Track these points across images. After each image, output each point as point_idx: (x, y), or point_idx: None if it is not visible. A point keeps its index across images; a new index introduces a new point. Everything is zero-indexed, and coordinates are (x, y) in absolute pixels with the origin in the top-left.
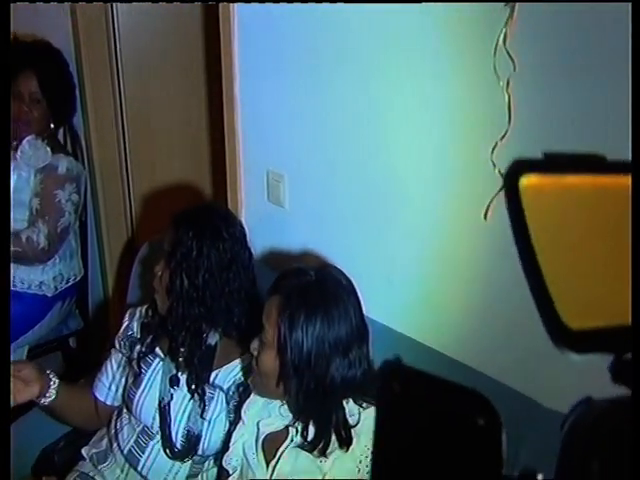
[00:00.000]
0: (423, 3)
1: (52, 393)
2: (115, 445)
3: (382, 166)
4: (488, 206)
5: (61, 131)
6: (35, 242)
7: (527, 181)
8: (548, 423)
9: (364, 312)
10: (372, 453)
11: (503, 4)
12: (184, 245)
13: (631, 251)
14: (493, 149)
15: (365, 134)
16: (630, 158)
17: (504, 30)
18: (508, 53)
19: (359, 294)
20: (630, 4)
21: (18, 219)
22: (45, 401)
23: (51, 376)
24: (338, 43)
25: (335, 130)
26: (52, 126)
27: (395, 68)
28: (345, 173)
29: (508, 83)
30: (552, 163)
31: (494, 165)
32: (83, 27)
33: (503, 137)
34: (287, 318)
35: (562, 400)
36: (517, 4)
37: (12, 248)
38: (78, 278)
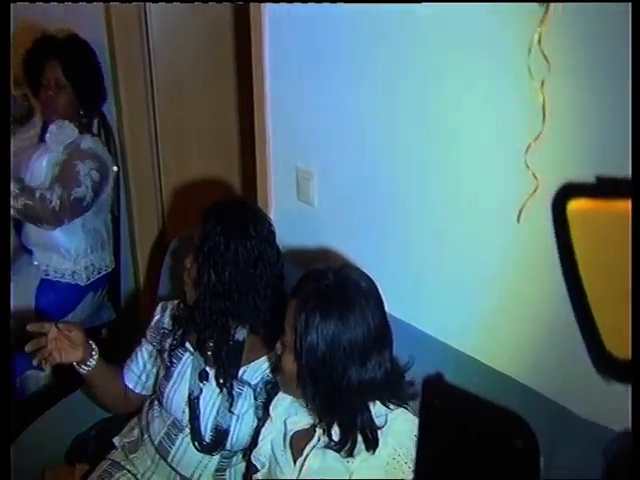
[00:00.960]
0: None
1: (92, 362)
2: (146, 436)
3: (412, 166)
4: (522, 209)
5: (95, 125)
6: (47, 200)
7: (576, 205)
8: (584, 436)
9: (386, 315)
10: (414, 465)
11: (538, 4)
12: (212, 240)
13: (631, 254)
14: (527, 150)
15: (396, 133)
16: None
17: (539, 30)
18: (543, 53)
19: (381, 297)
20: (630, 4)
21: None
22: (85, 369)
23: (93, 345)
24: (368, 39)
25: (366, 129)
26: (81, 112)
27: (422, 65)
28: (375, 172)
29: (543, 84)
30: (602, 187)
31: (527, 167)
32: (117, 24)
33: (537, 138)
34: (303, 322)
35: (602, 415)
36: (552, 4)
37: (24, 201)
38: (110, 269)
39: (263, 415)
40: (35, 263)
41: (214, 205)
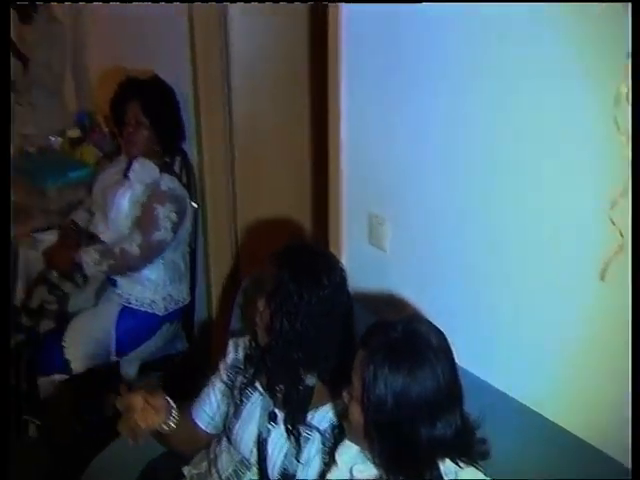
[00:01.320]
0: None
1: (172, 422)
2: (214, 470)
3: (488, 217)
4: (606, 267)
5: (177, 163)
6: (128, 252)
7: None
8: None
9: (457, 370)
10: None
11: (626, 55)
12: (285, 288)
13: (631, 255)
14: (612, 206)
15: (473, 183)
16: None
17: (626, 83)
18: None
19: (452, 352)
20: (630, 4)
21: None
22: (166, 429)
23: (172, 404)
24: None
25: (441, 176)
26: (159, 149)
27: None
28: (450, 220)
29: (629, 138)
30: None
31: (613, 223)
32: (201, 67)
33: (623, 195)
34: (371, 375)
35: None
36: None
37: (108, 262)
38: (186, 301)
39: (329, 460)
40: (118, 292)
41: (286, 249)
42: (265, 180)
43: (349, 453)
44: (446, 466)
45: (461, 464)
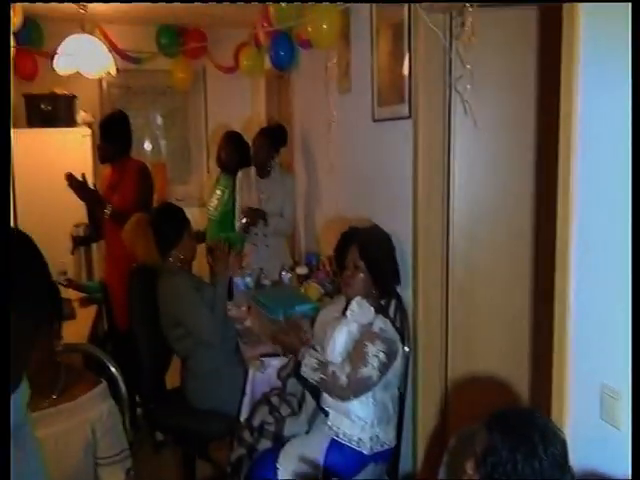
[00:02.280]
0: None
1: None
2: None
3: None
4: None
5: (393, 306)
6: (337, 377)
7: None
8: None
9: None
10: None
11: None
12: (497, 455)
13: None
14: None
15: None
16: None
17: None
18: None
19: None
20: (630, 4)
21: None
22: None
23: None
24: None
25: None
26: (375, 291)
27: None
28: None
29: None
30: None
31: None
32: (421, 219)
33: None
34: None
35: None
36: None
37: (320, 375)
38: (392, 445)
39: None
40: (329, 424)
41: (500, 414)
42: (479, 330)
43: None
44: None
45: None
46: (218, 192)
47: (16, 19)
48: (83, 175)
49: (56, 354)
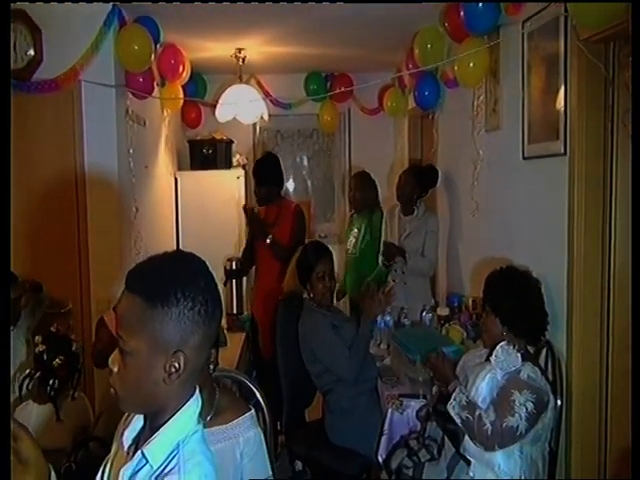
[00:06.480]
0: None
1: None
2: None
3: None
4: None
5: (543, 354)
6: (482, 422)
7: None
8: None
9: None
10: None
11: None
12: None
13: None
14: None
15: None
16: None
17: None
18: None
19: None
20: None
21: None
22: None
23: None
24: None
25: None
26: (520, 338)
27: None
28: None
29: None
30: None
31: None
32: (577, 261)
33: None
34: None
35: None
36: None
37: (466, 414)
38: None
39: None
40: (470, 474)
41: None
42: None
43: None
44: None
45: None
46: (355, 230)
47: (184, 74)
48: (252, 209)
49: (212, 378)
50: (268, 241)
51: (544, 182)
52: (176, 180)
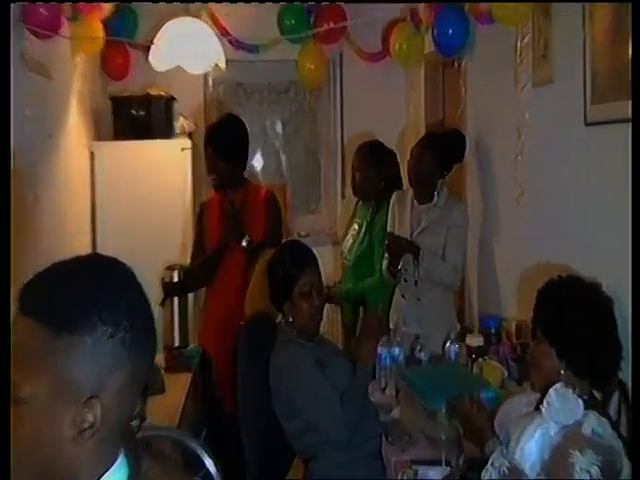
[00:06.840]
0: None
1: None
2: None
3: None
4: None
5: (613, 401)
6: None
7: None
8: None
9: None
10: None
11: None
12: None
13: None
14: None
15: None
16: None
17: None
18: None
19: None
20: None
21: None
22: None
23: None
24: None
25: None
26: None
27: None
28: None
29: None
30: None
31: None
32: None
33: None
34: None
35: None
36: None
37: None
38: None
39: None
40: None
41: None
42: None
43: None
44: None
45: None
46: (355, 227)
47: (106, 4)
48: (231, 201)
49: (136, 440)
50: (244, 243)
51: (615, 157)
52: (92, 155)
